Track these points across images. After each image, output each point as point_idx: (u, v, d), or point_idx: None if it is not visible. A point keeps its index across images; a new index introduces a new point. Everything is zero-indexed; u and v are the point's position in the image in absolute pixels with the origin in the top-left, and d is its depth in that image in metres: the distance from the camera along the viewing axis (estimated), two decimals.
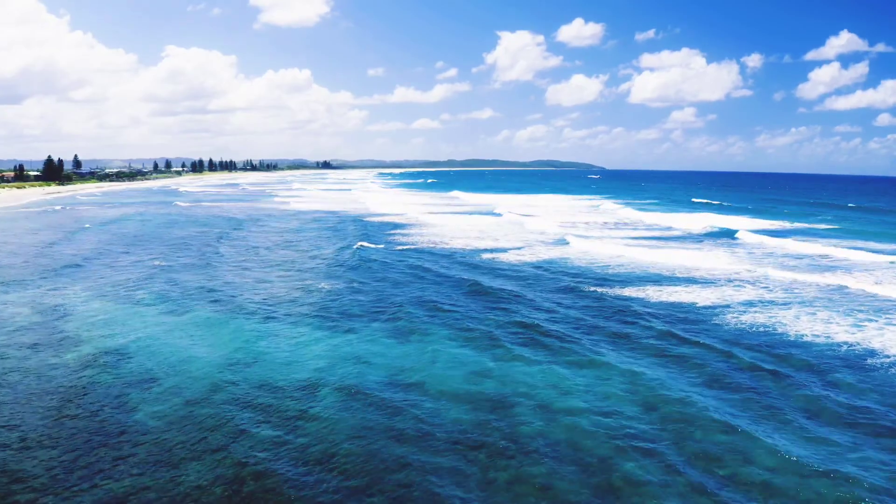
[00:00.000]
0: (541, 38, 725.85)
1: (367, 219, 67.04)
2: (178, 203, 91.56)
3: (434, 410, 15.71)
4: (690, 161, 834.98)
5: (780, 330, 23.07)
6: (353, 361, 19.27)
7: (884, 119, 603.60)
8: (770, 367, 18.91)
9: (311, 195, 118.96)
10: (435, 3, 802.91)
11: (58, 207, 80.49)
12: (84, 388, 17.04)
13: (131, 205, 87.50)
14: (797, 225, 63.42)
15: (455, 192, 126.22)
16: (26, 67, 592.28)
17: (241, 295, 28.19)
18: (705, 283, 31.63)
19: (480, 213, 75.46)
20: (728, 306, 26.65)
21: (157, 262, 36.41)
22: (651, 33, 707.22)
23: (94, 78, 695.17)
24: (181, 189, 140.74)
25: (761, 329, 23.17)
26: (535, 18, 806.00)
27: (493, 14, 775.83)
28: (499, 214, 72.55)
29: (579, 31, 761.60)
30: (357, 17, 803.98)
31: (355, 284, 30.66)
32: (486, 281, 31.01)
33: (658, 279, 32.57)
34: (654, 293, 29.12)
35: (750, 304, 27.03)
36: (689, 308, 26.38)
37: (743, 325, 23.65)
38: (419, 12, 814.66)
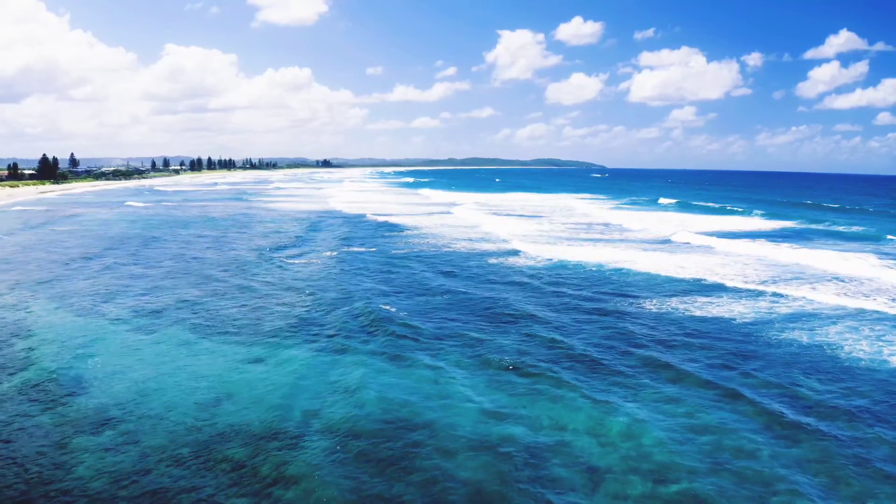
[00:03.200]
0: (541, 36, 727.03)
1: (321, 217, 67.27)
2: (131, 203, 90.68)
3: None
4: (691, 160, 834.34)
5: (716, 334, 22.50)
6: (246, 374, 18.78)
7: (884, 118, 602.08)
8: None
9: (283, 193, 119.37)
10: (434, 1, 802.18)
11: (18, 209, 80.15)
12: None
13: (96, 205, 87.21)
14: (754, 225, 62.66)
15: (426, 191, 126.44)
16: (26, 66, 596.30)
17: (127, 301, 27.71)
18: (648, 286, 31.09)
19: (439, 213, 74.67)
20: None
21: (52, 272, 35.93)
22: (650, 32, 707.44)
23: (94, 76, 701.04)
24: (156, 188, 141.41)
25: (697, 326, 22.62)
26: (534, 17, 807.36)
27: (493, 12, 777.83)
28: (453, 214, 71.91)
29: (578, 30, 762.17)
30: (356, 15, 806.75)
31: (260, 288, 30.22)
32: (388, 289, 30.32)
33: (594, 279, 32.03)
34: (586, 297, 28.43)
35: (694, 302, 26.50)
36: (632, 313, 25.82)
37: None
38: (418, 11, 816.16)
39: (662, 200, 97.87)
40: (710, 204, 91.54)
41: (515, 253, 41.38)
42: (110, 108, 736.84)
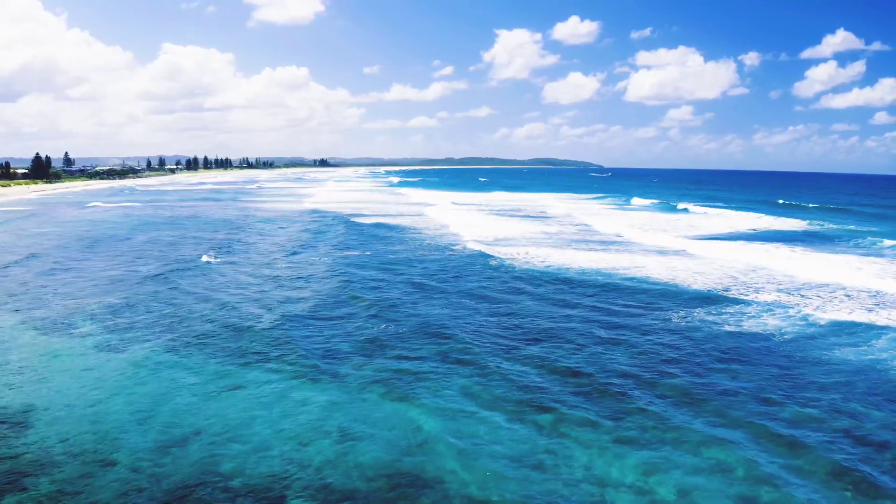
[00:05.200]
0: (538, 35, 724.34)
1: (292, 217, 66.30)
2: (96, 204, 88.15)
3: None
4: (689, 159, 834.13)
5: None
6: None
7: (881, 117, 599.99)
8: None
9: (266, 193, 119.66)
10: (431, 0, 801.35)
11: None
12: None
13: (73, 205, 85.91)
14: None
15: (407, 190, 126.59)
16: (23, 65, 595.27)
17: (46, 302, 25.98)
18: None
19: (413, 214, 72.83)
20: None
21: None
22: (647, 31, 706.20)
23: (92, 75, 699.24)
24: (137, 187, 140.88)
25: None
26: (531, 16, 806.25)
27: (490, 12, 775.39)
28: (425, 214, 70.32)
29: (575, 29, 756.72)
30: (352, 14, 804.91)
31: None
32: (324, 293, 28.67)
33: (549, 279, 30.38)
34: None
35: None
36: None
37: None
38: (415, 10, 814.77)
39: (651, 201, 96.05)
40: (705, 205, 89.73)
41: (477, 255, 39.72)
42: (108, 107, 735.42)
